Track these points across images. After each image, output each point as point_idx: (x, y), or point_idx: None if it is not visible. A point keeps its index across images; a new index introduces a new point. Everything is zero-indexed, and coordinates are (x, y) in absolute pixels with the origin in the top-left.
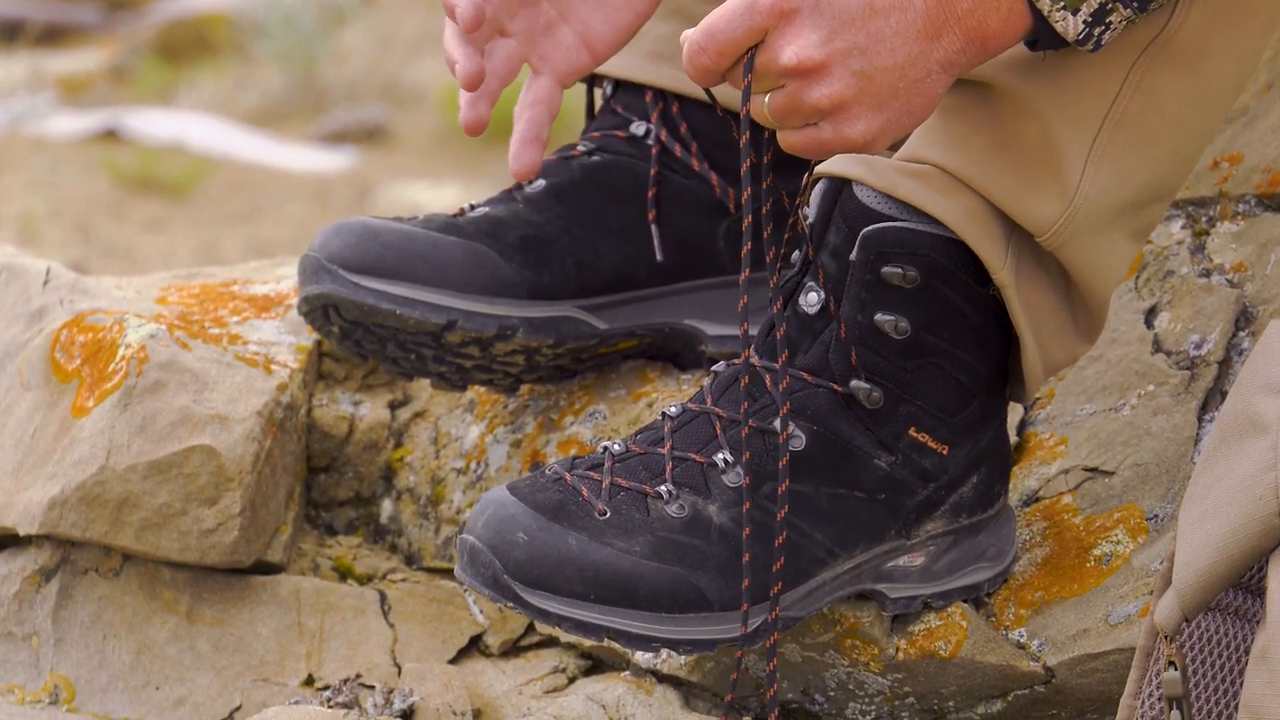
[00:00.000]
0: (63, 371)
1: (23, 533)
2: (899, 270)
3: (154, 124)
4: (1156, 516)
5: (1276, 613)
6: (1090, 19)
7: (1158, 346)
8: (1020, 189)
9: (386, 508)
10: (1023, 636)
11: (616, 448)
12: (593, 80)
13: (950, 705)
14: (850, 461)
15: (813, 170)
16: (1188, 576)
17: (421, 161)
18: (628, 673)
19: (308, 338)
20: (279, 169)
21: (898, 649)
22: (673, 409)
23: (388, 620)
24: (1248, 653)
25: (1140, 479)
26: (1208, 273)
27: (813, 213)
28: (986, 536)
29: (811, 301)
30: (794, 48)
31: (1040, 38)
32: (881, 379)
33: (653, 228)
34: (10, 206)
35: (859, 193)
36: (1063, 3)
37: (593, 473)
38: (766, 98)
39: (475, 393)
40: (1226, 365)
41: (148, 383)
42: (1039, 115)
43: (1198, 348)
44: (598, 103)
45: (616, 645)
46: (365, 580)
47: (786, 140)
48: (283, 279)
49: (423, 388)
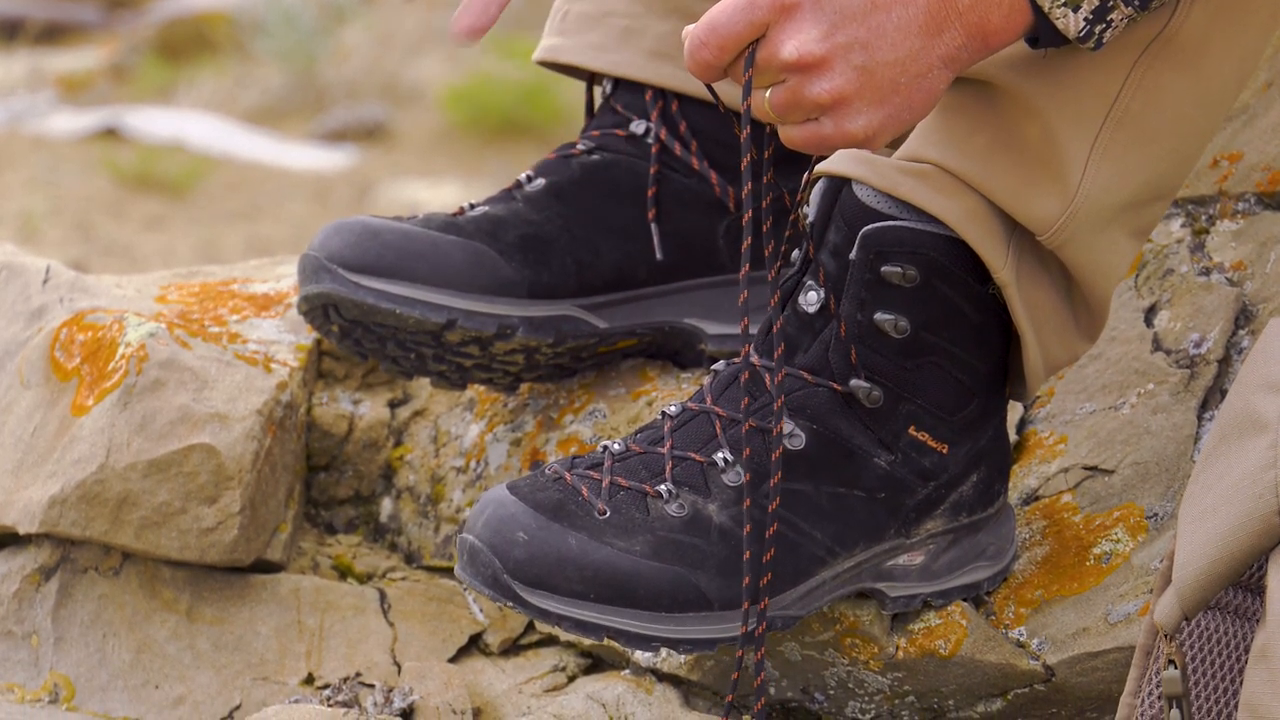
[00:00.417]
0: (62, 370)
1: (22, 531)
2: (899, 269)
3: (154, 122)
4: (1156, 515)
5: (1276, 611)
6: (1091, 16)
7: (1157, 345)
8: (1021, 188)
9: (386, 506)
10: (1022, 635)
11: (616, 447)
12: (592, 79)
13: (950, 704)
14: (850, 460)
15: (813, 169)
16: (1187, 575)
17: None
18: (627, 671)
19: (307, 336)
20: (279, 167)
21: (898, 648)
22: (672, 408)
23: (387, 619)
24: (1248, 651)
25: (1140, 477)
26: (1207, 271)
27: (812, 211)
28: (986, 535)
29: (811, 300)
30: (794, 42)
31: (1041, 35)
32: (881, 378)
33: (652, 226)
34: (10, 205)
35: (859, 191)
36: (1064, 0)
37: (592, 472)
38: (768, 93)
39: (475, 391)
40: (1226, 364)
41: (147, 381)
42: (1040, 114)
43: (1197, 346)
44: (597, 101)
45: (616, 644)
46: (365, 579)
47: (787, 135)
48: (282, 277)
49: (422, 386)
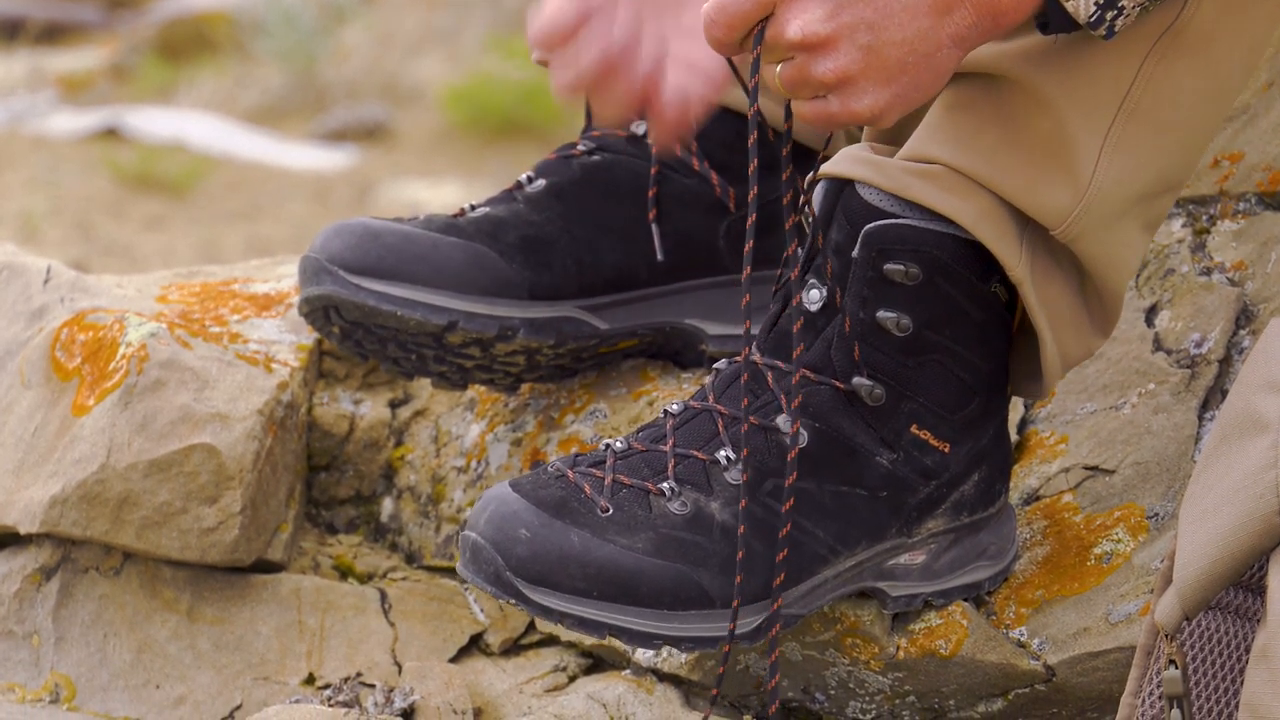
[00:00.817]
0: (63, 370)
1: (23, 531)
2: (901, 267)
3: (154, 122)
4: (1157, 515)
5: (1277, 611)
6: (1102, 2)
7: (1158, 345)
8: (1033, 182)
9: (387, 506)
10: (1023, 635)
11: (619, 445)
12: None
13: (951, 704)
14: (852, 459)
15: (817, 170)
16: (1188, 575)
17: (421, 160)
18: (628, 671)
19: (308, 336)
20: (279, 167)
21: (898, 647)
22: (675, 406)
23: (388, 619)
24: (1248, 651)
25: (1141, 477)
26: (1208, 271)
27: (808, 206)
28: (987, 535)
29: (813, 298)
30: (799, 22)
31: (1052, 18)
32: (883, 376)
33: (653, 227)
34: (11, 205)
35: (861, 189)
36: None
37: (595, 470)
38: (778, 68)
39: (476, 391)
40: (1227, 364)
41: (148, 381)
42: (1053, 107)
43: (1198, 346)
44: None
45: (618, 643)
46: (366, 579)
47: (798, 110)
48: (283, 277)
49: (423, 386)
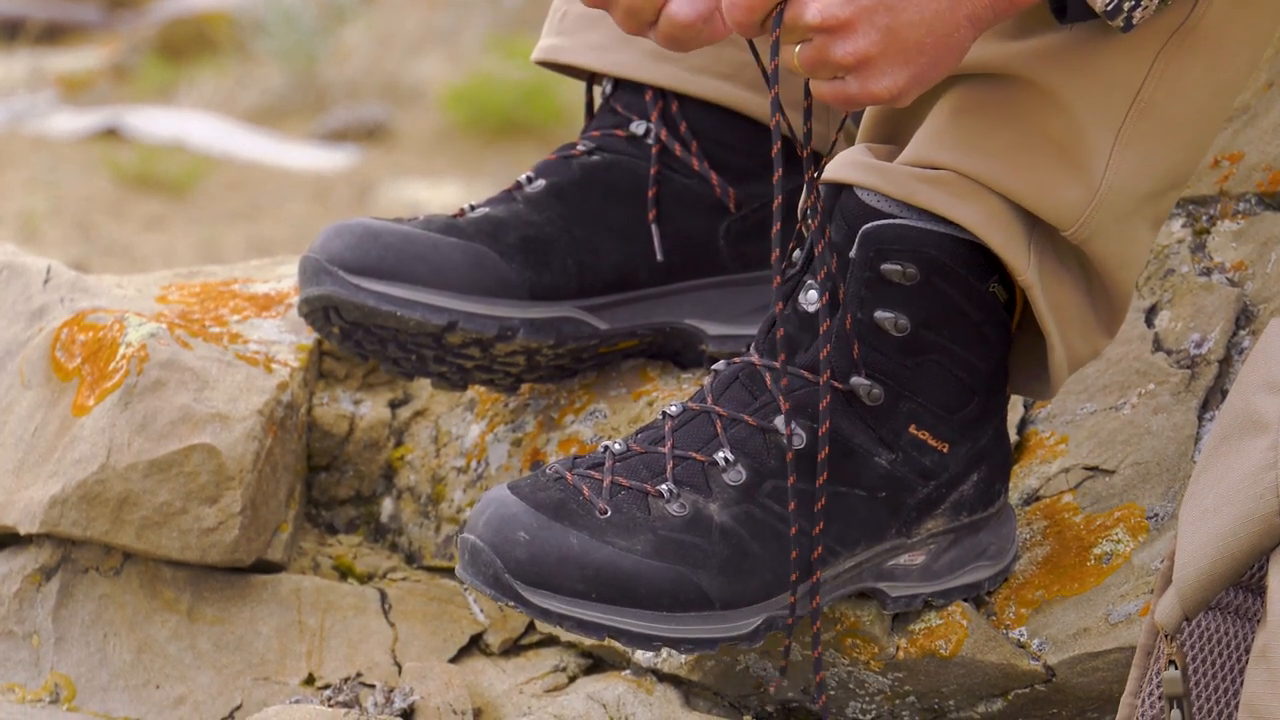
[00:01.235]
0: (63, 370)
1: (23, 531)
2: (899, 267)
3: (154, 122)
4: (1157, 515)
5: (1277, 611)
6: None
7: (1158, 345)
8: (1045, 183)
9: (387, 506)
10: (1023, 635)
11: (617, 446)
12: (592, 79)
13: (951, 704)
14: (851, 459)
15: (821, 174)
16: (1188, 575)
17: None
18: (628, 672)
19: (308, 336)
20: (279, 167)
21: (898, 648)
22: (673, 408)
23: (388, 619)
24: (1248, 651)
25: (1141, 478)
26: (1208, 271)
27: (819, 209)
28: (987, 535)
29: (811, 299)
30: (819, 4)
31: (1070, 6)
32: (882, 376)
33: (653, 227)
34: (11, 205)
35: (859, 190)
36: None
37: (593, 471)
38: (797, 49)
39: (476, 392)
40: (1227, 364)
41: (148, 381)
42: (1065, 105)
43: (1198, 346)
44: (597, 101)
45: (617, 644)
46: (366, 579)
47: (817, 90)
48: (283, 278)
49: (423, 387)
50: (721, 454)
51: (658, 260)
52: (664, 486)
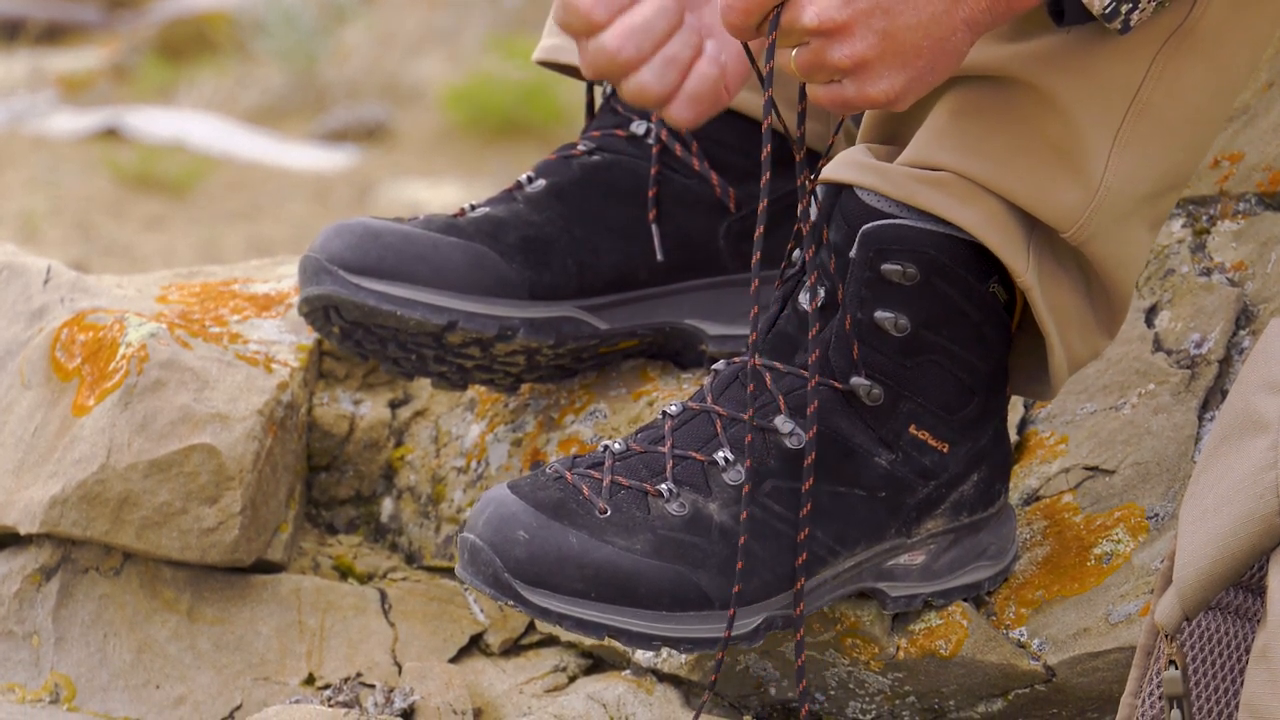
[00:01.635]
0: (63, 370)
1: (23, 531)
2: (898, 267)
3: (154, 122)
4: (1157, 515)
5: (1277, 612)
6: None
7: (1158, 345)
8: (1043, 185)
9: (387, 506)
10: (1023, 635)
11: (617, 446)
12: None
13: (951, 704)
14: (851, 459)
15: (818, 176)
16: (1188, 575)
17: (422, 160)
18: (628, 672)
19: (308, 336)
20: (279, 167)
21: (898, 648)
22: (673, 407)
23: (388, 619)
24: (1248, 651)
25: (1141, 478)
26: (1208, 271)
27: (813, 210)
28: (987, 535)
29: (816, 296)
30: (815, 8)
31: (1067, 9)
32: (881, 376)
33: (653, 227)
34: (11, 205)
35: (859, 190)
36: None
37: (593, 471)
38: (794, 52)
39: (476, 391)
40: (1227, 364)
41: (148, 381)
42: (1063, 108)
43: (1198, 346)
44: (597, 101)
45: (617, 644)
46: (366, 579)
47: (813, 94)
48: (283, 278)
49: (423, 387)
50: (721, 454)
51: (658, 260)
52: (664, 486)
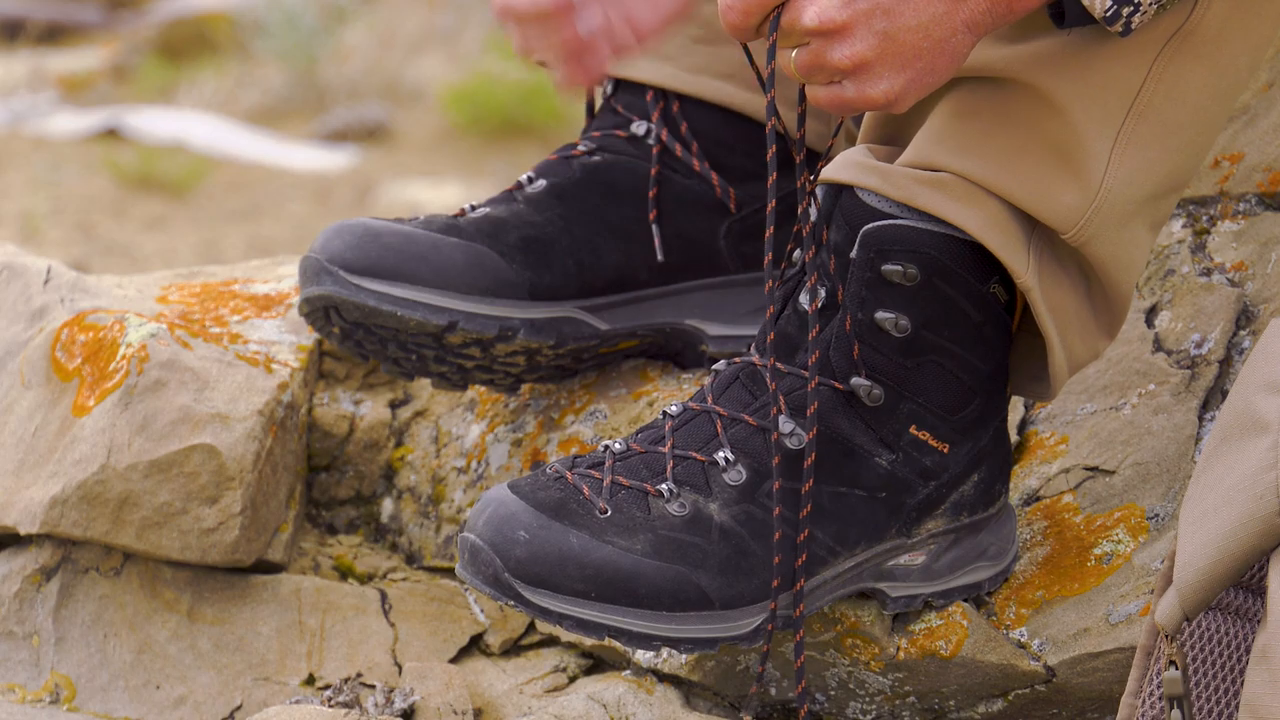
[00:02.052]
0: (64, 370)
1: (23, 532)
2: (899, 268)
3: (155, 123)
4: (1157, 515)
5: (1277, 612)
6: None
7: (1158, 345)
8: (1044, 187)
9: (387, 507)
10: (1023, 636)
11: (617, 446)
12: None
13: (951, 704)
14: (851, 459)
15: (817, 177)
16: (1189, 575)
17: (422, 160)
18: (628, 672)
19: (308, 337)
20: (280, 168)
21: (898, 648)
22: (674, 408)
23: (388, 619)
24: (1248, 652)
25: (1141, 478)
26: (1208, 272)
27: (813, 211)
28: (987, 535)
29: (816, 298)
30: (816, 8)
31: (1068, 11)
32: (882, 377)
33: (653, 227)
34: (11, 205)
35: (859, 190)
36: None
37: (594, 471)
38: (793, 53)
39: (476, 392)
40: (1227, 364)
41: (148, 381)
42: (1063, 110)
43: (1198, 347)
44: (598, 102)
45: (617, 644)
46: (366, 579)
47: (812, 95)
48: (283, 278)
49: (423, 387)
50: (722, 454)
51: (658, 260)
52: (664, 486)
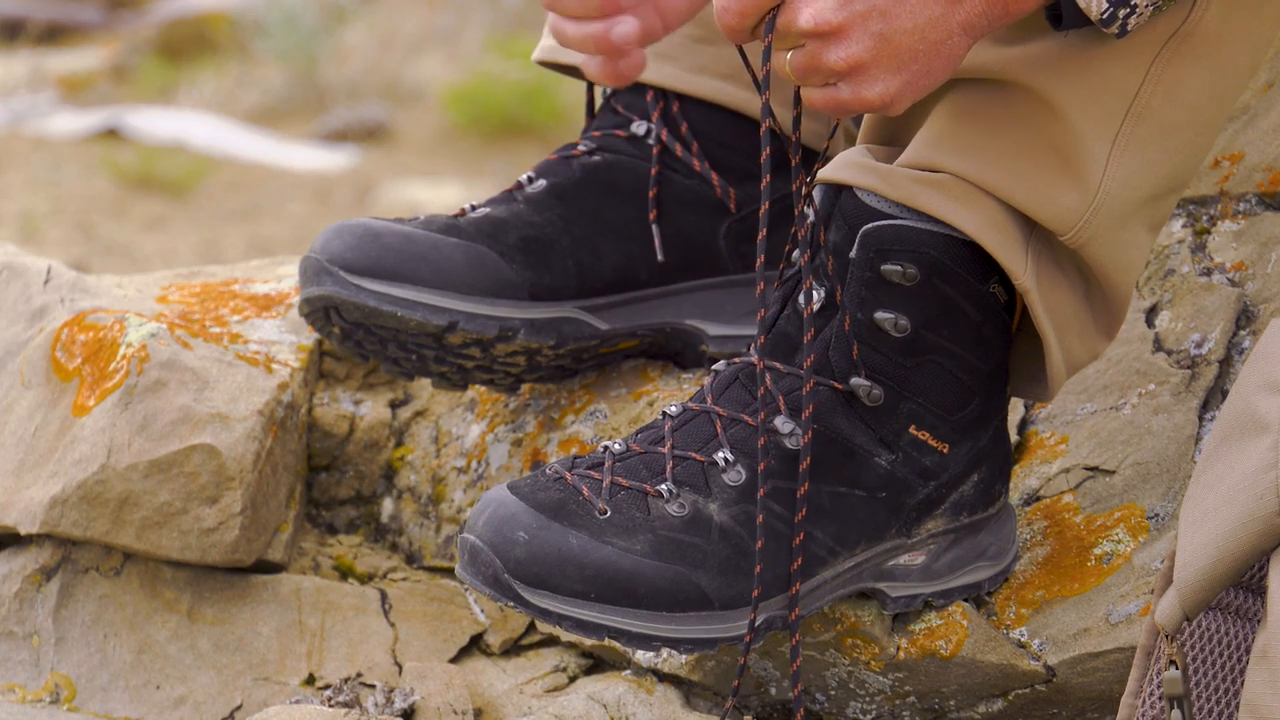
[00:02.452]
0: (64, 370)
1: (24, 532)
2: (898, 268)
3: (155, 123)
4: (1157, 515)
5: (1277, 612)
6: None
7: (1158, 345)
8: (1043, 189)
9: (387, 507)
10: (1023, 635)
11: (617, 447)
12: None
13: (951, 704)
14: (851, 459)
15: (814, 177)
16: (1189, 575)
17: (422, 160)
18: (628, 672)
19: (308, 336)
20: (280, 168)
21: (899, 648)
22: (673, 408)
23: (388, 619)
24: (1248, 652)
25: (1141, 478)
26: (1208, 271)
27: (813, 211)
28: (987, 535)
29: (811, 299)
30: (811, 10)
31: (1065, 13)
32: (882, 377)
33: (654, 227)
34: (11, 205)
35: (859, 191)
36: None
37: (593, 472)
38: (789, 55)
39: (476, 392)
40: (1227, 364)
41: (148, 381)
42: (1061, 112)
43: (1198, 347)
44: (598, 102)
45: (617, 644)
46: (366, 579)
47: (808, 97)
48: (283, 278)
49: (423, 387)
50: (721, 454)
51: (658, 260)
52: (663, 486)
